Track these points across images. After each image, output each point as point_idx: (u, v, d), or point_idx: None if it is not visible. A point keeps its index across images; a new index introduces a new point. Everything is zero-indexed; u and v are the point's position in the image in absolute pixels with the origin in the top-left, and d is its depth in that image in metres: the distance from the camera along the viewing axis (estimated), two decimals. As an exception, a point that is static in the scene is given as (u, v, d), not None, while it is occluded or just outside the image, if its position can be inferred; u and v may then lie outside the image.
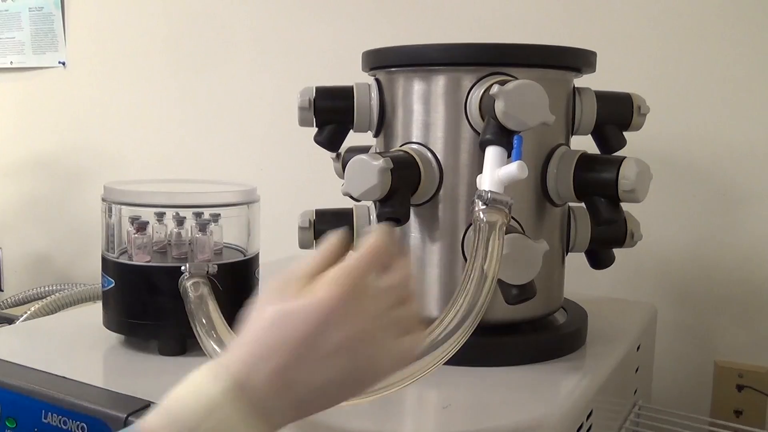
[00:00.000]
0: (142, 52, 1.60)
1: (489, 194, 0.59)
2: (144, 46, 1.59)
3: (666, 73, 1.08)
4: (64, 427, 0.59)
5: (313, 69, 1.36)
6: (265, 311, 0.44)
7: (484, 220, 0.58)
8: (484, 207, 0.59)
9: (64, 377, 0.64)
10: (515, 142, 0.60)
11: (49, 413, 0.60)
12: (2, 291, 1.79)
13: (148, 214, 0.76)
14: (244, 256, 0.78)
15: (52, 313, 1.30)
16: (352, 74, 0.81)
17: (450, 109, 0.69)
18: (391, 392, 0.52)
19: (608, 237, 0.78)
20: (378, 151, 0.75)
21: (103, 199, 0.77)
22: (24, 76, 1.80)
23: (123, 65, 1.63)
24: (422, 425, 0.61)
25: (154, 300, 0.72)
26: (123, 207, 0.76)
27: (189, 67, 1.53)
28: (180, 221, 0.77)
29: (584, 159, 0.70)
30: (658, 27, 1.09)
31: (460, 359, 0.54)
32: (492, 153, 0.60)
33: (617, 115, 0.76)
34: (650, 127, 0.79)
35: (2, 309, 1.58)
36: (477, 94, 0.66)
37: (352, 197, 0.69)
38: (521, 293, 0.64)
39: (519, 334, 0.73)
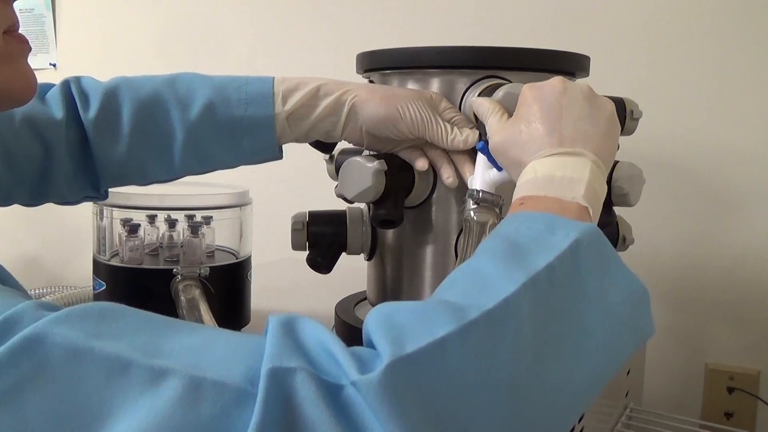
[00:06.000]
0: (133, 54, 1.59)
1: (480, 193, 0.59)
2: (136, 48, 1.59)
3: (659, 78, 1.09)
4: None
5: (308, 70, 1.35)
6: (507, 124, 0.56)
7: (476, 219, 0.58)
8: (475, 206, 0.59)
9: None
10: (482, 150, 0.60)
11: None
12: (-9, 293, 1.77)
13: (139, 217, 0.76)
14: (236, 258, 0.78)
15: (42, 316, 1.29)
16: (347, 76, 0.81)
17: (444, 111, 0.69)
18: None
19: (600, 240, 0.78)
20: (372, 153, 0.75)
21: (95, 202, 0.76)
22: (14, 78, 1.79)
23: (114, 67, 1.62)
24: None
25: (146, 303, 0.72)
26: (114, 209, 0.76)
27: (181, 69, 1.52)
28: (172, 224, 0.77)
29: (577, 162, 0.71)
30: (650, 32, 1.09)
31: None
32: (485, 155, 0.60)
33: (610, 118, 0.76)
34: (643, 131, 0.79)
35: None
36: (471, 96, 0.67)
37: (345, 199, 0.69)
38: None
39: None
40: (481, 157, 0.61)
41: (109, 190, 0.75)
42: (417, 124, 0.64)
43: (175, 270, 0.72)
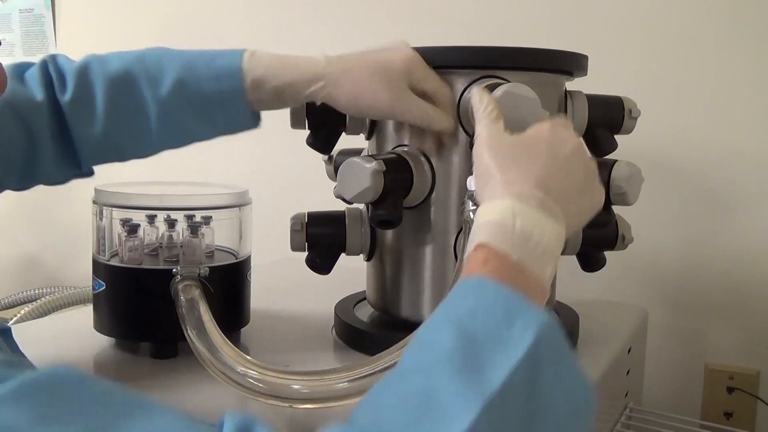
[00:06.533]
0: (133, 54, 1.59)
1: None
2: (135, 48, 1.59)
3: (657, 77, 1.09)
4: None
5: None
6: (505, 140, 0.54)
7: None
8: (474, 207, 0.59)
9: (54, 380, 0.63)
10: None
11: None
12: (-9, 294, 1.77)
13: (139, 217, 0.76)
14: (236, 258, 0.78)
15: (43, 316, 1.30)
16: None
17: (442, 111, 0.69)
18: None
19: (599, 240, 0.78)
20: (370, 153, 0.75)
21: (94, 202, 0.76)
22: (14, 78, 1.79)
23: (114, 67, 1.62)
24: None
25: (146, 303, 0.72)
26: (114, 209, 0.76)
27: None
28: (171, 224, 0.77)
29: (576, 162, 0.71)
30: (649, 31, 1.09)
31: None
32: None
33: (608, 118, 0.76)
34: (641, 130, 0.79)
35: (-9, 312, 1.57)
36: (469, 96, 0.67)
37: (344, 200, 0.69)
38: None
39: (511, 337, 0.73)
40: None
41: (108, 190, 0.75)
42: (389, 116, 0.68)
43: (174, 270, 0.72)
